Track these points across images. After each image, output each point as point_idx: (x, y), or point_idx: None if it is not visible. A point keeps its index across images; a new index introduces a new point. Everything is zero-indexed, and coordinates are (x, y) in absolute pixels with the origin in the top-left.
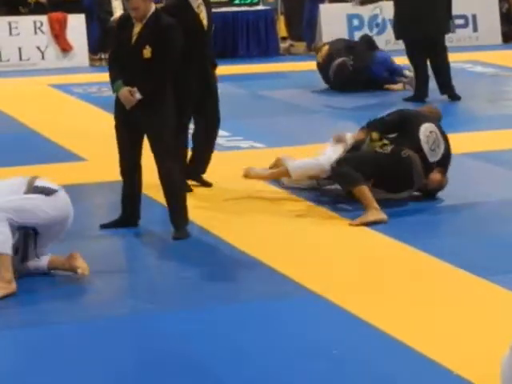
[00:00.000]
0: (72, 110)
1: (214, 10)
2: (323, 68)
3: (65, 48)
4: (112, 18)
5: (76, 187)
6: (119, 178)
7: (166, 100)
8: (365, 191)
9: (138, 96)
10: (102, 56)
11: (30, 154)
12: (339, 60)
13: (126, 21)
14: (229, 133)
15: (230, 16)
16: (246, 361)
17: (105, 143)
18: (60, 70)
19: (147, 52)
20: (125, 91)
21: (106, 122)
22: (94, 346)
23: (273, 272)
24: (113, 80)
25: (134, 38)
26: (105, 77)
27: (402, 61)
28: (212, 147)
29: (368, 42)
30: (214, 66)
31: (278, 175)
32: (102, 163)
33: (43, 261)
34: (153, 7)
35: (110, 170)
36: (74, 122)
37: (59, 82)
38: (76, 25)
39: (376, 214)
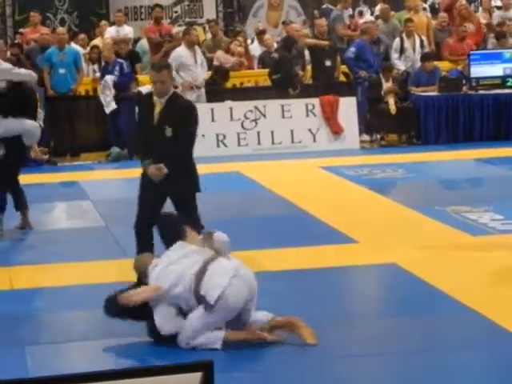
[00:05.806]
0: (343, 192)
1: (485, 91)
2: None
3: (336, 131)
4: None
5: (348, 269)
6: (391, 260)
7: (190, 170)
8: None
9: (165, 171)
10: (369, 138)
11: (302, 235)
12: None
13: (147, 100)
14: (503, 216)
15: (503, 98)
16: None
17: (376, 225)
18: (331, 152)
19: (168, 131)
20: (152, 169)
21: (377, 205)
22: None
23: None
24: (141, 159)
25: (156, 118)
26: (376, 159)
27: None
28: None
29: None
30: None
31: None
32: (373, 245)
33: None
34: (172, 89)
35: (382, 253)
36: (345, 204)
37: (330, 165)
38: (347, 107)
39: None
